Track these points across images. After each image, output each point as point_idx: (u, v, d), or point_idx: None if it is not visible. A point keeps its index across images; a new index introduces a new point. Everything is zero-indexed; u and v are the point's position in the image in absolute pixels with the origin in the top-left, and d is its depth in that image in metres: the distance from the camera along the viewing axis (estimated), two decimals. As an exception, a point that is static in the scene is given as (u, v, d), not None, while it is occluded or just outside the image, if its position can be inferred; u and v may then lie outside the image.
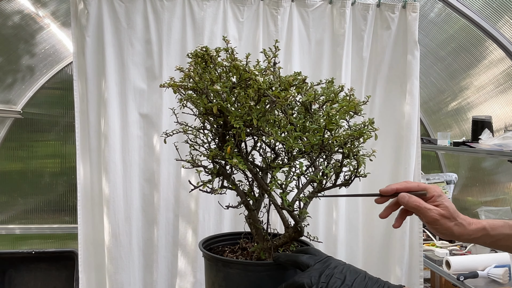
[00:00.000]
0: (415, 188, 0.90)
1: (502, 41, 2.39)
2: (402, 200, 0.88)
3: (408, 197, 0.88)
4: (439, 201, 0.88)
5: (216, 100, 0.83)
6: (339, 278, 0.78)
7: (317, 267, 0.80)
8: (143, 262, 1.94)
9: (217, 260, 0.90)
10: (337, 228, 1.99)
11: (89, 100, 1.88)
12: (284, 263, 0.85)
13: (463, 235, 0.88)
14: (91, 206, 1.92)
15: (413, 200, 0.87)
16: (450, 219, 0.86)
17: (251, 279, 0.87)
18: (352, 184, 0.91)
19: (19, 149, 2.98)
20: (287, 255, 0.86)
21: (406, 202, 0.88)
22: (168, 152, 1.90)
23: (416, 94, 2.01)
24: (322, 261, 0.82)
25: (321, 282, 0.77)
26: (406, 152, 2.01)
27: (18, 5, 2.32)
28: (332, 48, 2.01)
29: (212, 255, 0.91)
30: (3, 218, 2.99)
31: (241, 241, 1.02)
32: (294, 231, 0.91)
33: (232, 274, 0.87)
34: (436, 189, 0.89)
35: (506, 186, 2.93)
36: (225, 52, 0.89)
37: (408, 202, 0.87)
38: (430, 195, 0.89)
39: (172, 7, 1.89)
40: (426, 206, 0.86)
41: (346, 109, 0.88)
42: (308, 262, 0.82)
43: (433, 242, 2.63)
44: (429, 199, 0.89)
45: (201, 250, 0.93)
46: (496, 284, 2.08)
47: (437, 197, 0.88)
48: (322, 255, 0.84)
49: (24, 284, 1.87)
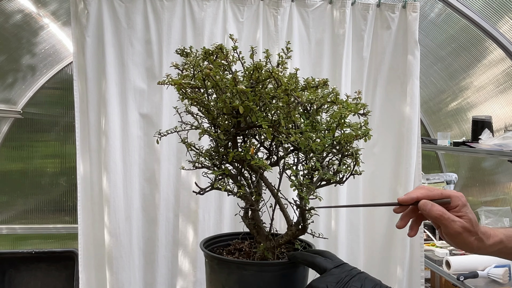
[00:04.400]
0: (438, 196, 0.81)
1: (502, 41, 2.39)
2: (424, 208, 0.79)
3: (431, 205, 0.79)
4: (463, 212, 0.80)
5: (241, 99, 0.82)
6: (355, 286, 0.76)
7: (334, 272, 0.79)
8: (143, 261, 1.94)
9: (230, 262, 0.89)
10: (338, 228, 1.99)
11: (89, 100, 1.88)
12: (300, 263, 0.85)
13: (481, 249, 0.83)
14: (91, 206, 1.92)
15: (436, 209, 0.78)
16: (472, 233, 0.79)
17: (265, 279, 0.87)
18: (352, 184, 0.91)
19: (19, 149, 2.98)
20: (303, 254, 0.86)
21: (428, 211, 0.79)
22: (168, 152, 1.90)
23: (416, 94, 2.01)
24: (340, 267, 0.80)
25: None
26: (407, 152, 2.01)
27: (18, 4, 2.32)
28: (332, 48, 2.01)
29: (222, 257, 0.90)
30: (3, 218, 2.99)
31: (234, 242, 1.02)
32: (297, 229, 0.91)
33: (246, 275, 0.86)
34: (461, 198, 0.81)
35: (506, 186, 2.93)
36: (233, 51, 0.89)
37: (431, 211, 0.78)
38: (455, 204, 0.80)
39: (172, 7, 1.89)
40: (450, 217, 0.78)
41: (355, 110, 0.87)
42: (325, 265, 0.80)
43: (433, 242, 2.63)
44: (453, 208, 0.80)
45: (207, 253, 0.91)
46: (496, 284, 2.08)
47: (461, 207, 0.80)
48: (338, 260, 0.83)
49: (24, 284, 1.87)
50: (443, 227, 0.80)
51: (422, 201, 0.80)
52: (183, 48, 0.93)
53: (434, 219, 0.79)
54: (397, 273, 2.01)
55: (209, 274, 0.93)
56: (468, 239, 0.79)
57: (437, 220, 0.79)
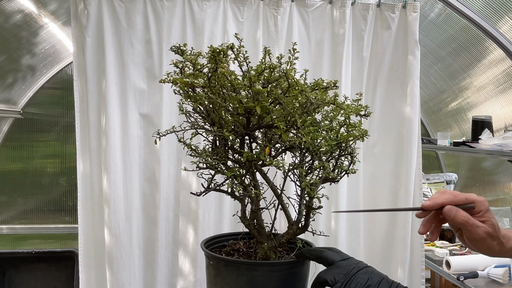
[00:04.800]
0: (463, 201, 0.80)
1: (502, 41, 2.39)
2: (449, 214, 0.78)
3: (455, 211, 0.78)
4: (486, 217, 0.80)
5: (258, 100, 0.83)
6: (363, 278, 0.78)
7: (341, 265, 0.81)
8: (144, 261, 1.94)
9: (239, 263, 0.89)
10: (338, 228, 1.99)
11: (89, 100, 1.88)
12: (308, 258, 0.88)
13: (502, 253, 0.83)
14: (91, 206, 1.92)
15: (461, 214, 0.78)
16: (494, 237, 0.80)
17: (276, 278, 0.88)
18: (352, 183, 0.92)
19: (19, 149, 2.98)
20: (310, 250, 0.89)
21: (453, 217, 0.78)
22: (169, 152, 1.90)
23: (416, 94, 2.01)
24: (346, 260, 0.83)
25: (345, 280, 0.78)
26: (408, 152, 2.01)
27: (18, 4, 2.32)
28: (332, 48, 2.01)
29: (231, 259, 0.90)
30: (3, 218, 2.99)
31: (229, 242, 1.02)
32: (298, 228, 0.92)
33: (257, 276, 0.86)
34: (484, 203, 0.81)
35: (506, 186, 2.93)
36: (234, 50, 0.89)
37: (456, 216, 0.78)
38: (478, 209, 0.80)
39: (172, 7, 1.89)
40: (475, 223, 0.78)
41: (356, 111, 0.89)
42: (333, 258, 0.83)
43: (433, 242, 2.63)
44: (476, 213, 0.80)
45: (213, 255, 0.91)
46: (496, 284, 2.08)
47: (484, 212, 0.80)
48: (344, 254, 0.86)
49: (24, 284, 1.87)
50: (467, 232, 0.79)
51: (447, 206, 0.78)
52: (179, 46, 0.93)
53: (458, 224, 0.79)
54: (397, 273, 2.01)
55: (213, 277, 0.91)
56: (491, 244, 0.80)
57: (461, 226, 0.79)
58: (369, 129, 2.06)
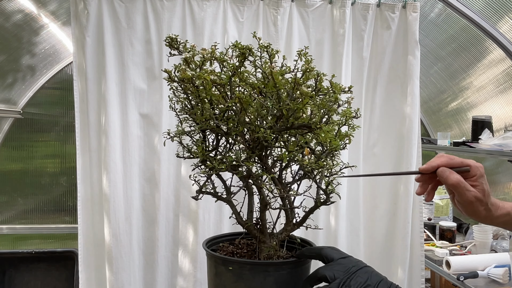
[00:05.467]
0: (458, 164, 0.82)
1: (502, 41, 2.39)
2: (442, 175, 0.81)
3: (448, 172, 0.81)
4: (478, 182, 0.82)
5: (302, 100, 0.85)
6: (362, 277, 0.79)
7: (341, 262, 0.82)
8: (143, 261, 1.94)
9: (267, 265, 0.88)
10: (338, 228, 1.99)
11: (89, 100, 1.88)
12: (309, 257, 0.89)
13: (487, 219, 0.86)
14: (91, 206, 1.92)
15: (453, 177, 0.80)
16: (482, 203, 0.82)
17: (300, 276, 0.89)
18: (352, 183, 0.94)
19: (19, 149, 2.98)
20: (310, 248, 0.90)
21: (445, 178, 0.81)
22: (168, 152, 1.90)
23: (416, 94, 2.01)
24: (346, 258, 0.84)
25: (344, 277, 0.78)
26: (408, 152, 2.01)
27: (18, 4, 2.32)
28: (332, 48, 2.01)
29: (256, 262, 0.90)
30: (3, 218, 2.99)
31: (221, 245, 1.01)
32: (295, 224, 0.94)
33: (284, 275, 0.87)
34: (480, 168, 0.83)
35: (506, 186, 2.93)
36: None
37: (448, 178, 0.80)
38: (473, 173, 0.82)
39: (172, 7, 1.89)
40: (465, 186, 0.81)
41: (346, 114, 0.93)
42: (332, 255, 0.84)
43: (433, 242, 2.63)
44: (470, 177, 0.82)
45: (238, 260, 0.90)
46: (496, 284, 2.08)
47: (478, 177, 0.82)
48: (344, 253, 0.87)
49: (24, 284, 1.87)
50: (457, 194, 0.82)
51: (440, 168, 0.81)
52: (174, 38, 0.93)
53: (450, 186, 0.81)
54: (397, 273, 2.01)
55: (234, 282, 0.87)
56: (478, 208, 0.83)
57: (453, 187, 0.81)
58: (370, 129, 2.07)
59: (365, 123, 2.05)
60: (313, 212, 0.94)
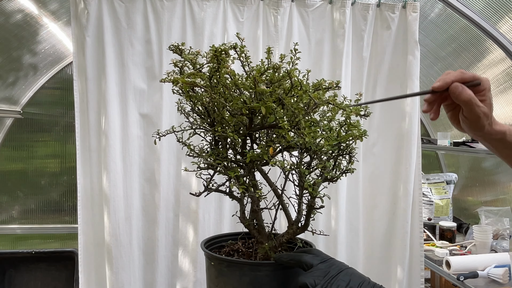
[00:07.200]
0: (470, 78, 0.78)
1: (502, 41, 2.39)
2: (455, 91, 0.76)
3: (461, 88, 0.76)
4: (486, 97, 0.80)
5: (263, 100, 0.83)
6: (343, 280, 0.77)
7: (320, 267, 0.80)
8: (143, 261, 1.94)
9: (243, 264, 0.88)
10: (338, 228, 1.99)
11: (89, 100, 1.88)
12: (287, 263, 0.85)
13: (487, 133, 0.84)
14: (91, 206, 1.92)
15: (466, 92, 0.76)
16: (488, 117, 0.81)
17: (279, 278, 0.87)
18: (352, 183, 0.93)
19: (19, 149, 2.98)
20: (289, 254, 0.86)
21: (458, 94, 0.76)
22: (168, 152, 1.90)
23: (416, 94, 2.01)
24: (326, 262, 0.81)
25: (325, 282, 0.76)
26: (407, 152, 2.01)
27: (19, 4, 2.32)
28: (332, 48, 2.01)
29: (233, 260, 0.90)
30: (3, 218, 2.99)
31: (228, 243, 1.02)
32: (298, 228, 0.92)
33: (260, 276, 0.86)
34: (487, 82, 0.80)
35: (506, 186, 2.93)
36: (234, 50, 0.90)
37: (461, 94, 0.76)
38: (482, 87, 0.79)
39: (172, 7, 1.89)
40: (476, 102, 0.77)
41: (356, 111, 0.90)
42: (311, 261, 0.81)
43: (433, 242, 2.63)
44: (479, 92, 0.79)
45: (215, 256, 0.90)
46: (496, 284, 2.08)
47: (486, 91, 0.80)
48: (325, 256, 0.84)
49: (24, 284, 1.87)
50: (467, 110, 0.79)
51: (453, 84, 0.77)
52: (177, 45, 0.93)
53: (462, 102, 0.78)
54: (397, 273, 2.01)
55: (215, 277, 0.91)
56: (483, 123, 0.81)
57: (464, 103, 0.78)
58: (369, 129, 2.07)
59: (365, 123, 2.05)
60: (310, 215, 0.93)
